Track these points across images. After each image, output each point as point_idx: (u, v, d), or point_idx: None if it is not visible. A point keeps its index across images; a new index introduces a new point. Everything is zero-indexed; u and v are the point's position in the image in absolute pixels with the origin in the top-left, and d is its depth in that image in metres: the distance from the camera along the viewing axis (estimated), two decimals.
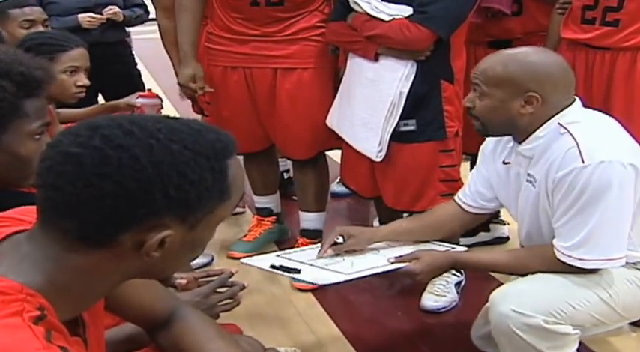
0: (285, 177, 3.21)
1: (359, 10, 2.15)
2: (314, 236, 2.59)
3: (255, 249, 2.68)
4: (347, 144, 2.33)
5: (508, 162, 1.72)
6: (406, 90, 2.12)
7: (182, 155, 0.77)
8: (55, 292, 0.77)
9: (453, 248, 1.81)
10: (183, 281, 1.40)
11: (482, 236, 2.70)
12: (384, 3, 2.10)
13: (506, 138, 1.72)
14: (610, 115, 1.68)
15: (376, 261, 1.73)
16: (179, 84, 2.45)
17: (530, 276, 1.59)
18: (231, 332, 1.31)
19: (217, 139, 0.82)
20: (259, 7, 2.26)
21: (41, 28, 2.45)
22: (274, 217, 2.76)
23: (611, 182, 1.47)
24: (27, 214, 0.87)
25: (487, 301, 1.90)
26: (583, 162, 1.48)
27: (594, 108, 1.71)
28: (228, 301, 1.40)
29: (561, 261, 1.55)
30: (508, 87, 1.55)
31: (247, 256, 2.59)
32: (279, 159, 2.89)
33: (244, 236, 2.73)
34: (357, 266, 1.70)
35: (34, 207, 0.89)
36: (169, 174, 0.76)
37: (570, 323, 1.53)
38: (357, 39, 2.18)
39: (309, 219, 2.61)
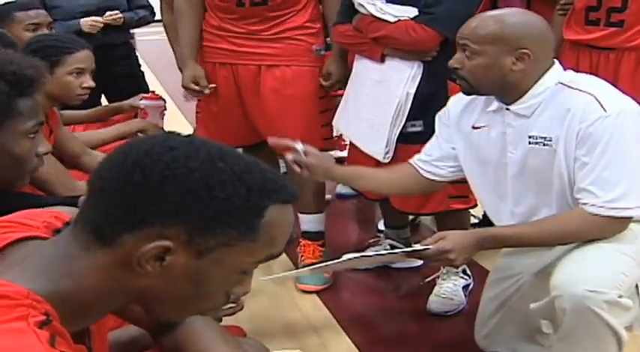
0: None
1: (364, 11, 2.14)
2: (316, 238, 2.57)
3: None
4: (353, 145, 2.32)
5: (480, 126, 1.71)
6: (413, 91, 2.11)
7: (223, 173, 0.75)
8: (60, 300, 0.76)
9: None
10: None
11: None
12: (389, 4, 2.10)
13: (468, 102, 1.71)
14: None
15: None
16: (183, 86, 2.48)
17: (575, 256, 1.54)
18: (235, 334, 1.29)
19: (272, 180, 0.78)
20: (244, 7, 2.31)
21: (46, 31, 2.46)
22: None
23: (637, 129, 1.49)
24: (32, 218, 0.86)
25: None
26: (605, 111, 1.49)
27: None
28: (231, 305, 1.39)
29: (605, 216, 1.51)
30: (500, 43, 1.56)
31: None
32: (282, 161, 2.88)
33: None
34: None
35: (39, 211, 0.89)
36: (197, 181, 0.74)
37: (626, 294, 1.50)
38: (363, 40, 2.17)
39: (309, 221, 2.58)
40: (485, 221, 2.71)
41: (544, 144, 1.59)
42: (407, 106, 2.13)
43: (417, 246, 1.63)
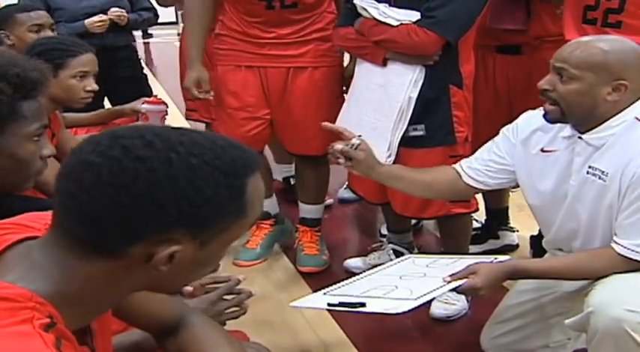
0: (292, 182, 3.20)
1: (366, 15, 2.14)
2: (314, 224, 2.67)
3: (261, 255, 2.69)
4: None
5: (550, 151, 1.69)
6: (415, 95, 2.11)
7: (200, 170, 0.76)
8: (63, 301, 0.77)
9: (496, 258, 1.76)
10: (190, 289, 1.39)
11: (492, 243, 2.68)
12: (391, 8, 2.10)
13: (542, 123, 1.68)
14: None
15: (432, 283, 1.69)
16: (184, 87, 2.50)
17: (615, 277, 1.53)
18: (238, 339, 1.29)
19: (240, 156, 0.81)
20: (274, 10, 2.32)
21: (49, 32, 2.46)
22: (273, 220, 2.77)
23: None
24: (35, 220, 0.87)
25: (495, 307, 1.89)
26: None
27: None
28: (235, 309, 1.39)
29: (632, 259, 1.51)
30: (601, 72, 1.52)
31: (253, 264, 2.65)
32: (285, 166, 2.88)
33: (246, 242, 2.72)
34: (416, 291, 1.67)
35: (42, 213, 0.89)
36: (185, 188, 0.75)
37: None
38: (365, 44, 2.17)
39: (308, 210, 2.67)
40: (488, 225, 2.71)
41: (599, 178, 1.57)
42: (409, 110, 2.13)
43: (451, 284, 1.64)
